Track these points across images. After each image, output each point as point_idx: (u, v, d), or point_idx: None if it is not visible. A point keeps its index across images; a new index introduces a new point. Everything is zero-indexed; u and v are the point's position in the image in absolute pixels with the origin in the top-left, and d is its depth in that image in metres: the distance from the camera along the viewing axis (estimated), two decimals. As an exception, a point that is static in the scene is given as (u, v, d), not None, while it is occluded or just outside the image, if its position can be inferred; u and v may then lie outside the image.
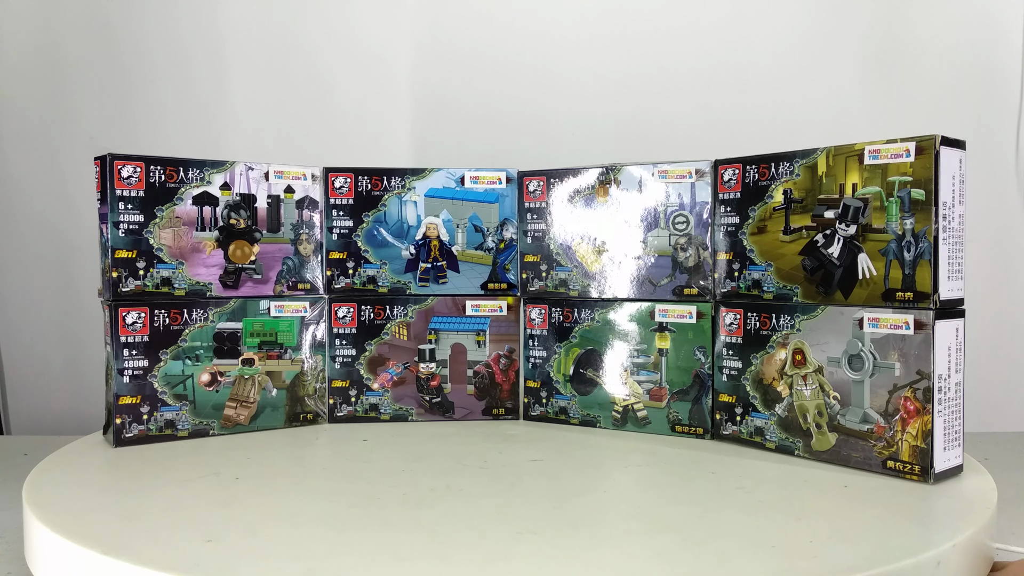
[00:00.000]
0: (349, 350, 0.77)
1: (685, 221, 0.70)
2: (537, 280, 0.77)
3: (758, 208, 0.66)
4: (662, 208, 0.71)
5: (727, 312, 0.68)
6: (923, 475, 0.57)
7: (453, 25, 1.12)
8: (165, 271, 0.71)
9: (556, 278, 0.76)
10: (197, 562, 0.44)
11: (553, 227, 0.76)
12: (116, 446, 0.69)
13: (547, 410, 0.77)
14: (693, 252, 0.70)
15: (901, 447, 0.58)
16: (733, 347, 0.68)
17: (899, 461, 0.58)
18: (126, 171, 0.69)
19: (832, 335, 0.61)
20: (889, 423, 0.58)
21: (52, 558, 0.50)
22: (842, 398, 0.61)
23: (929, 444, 0.57)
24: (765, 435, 0.66)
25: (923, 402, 0.57)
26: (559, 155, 1.13)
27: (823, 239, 0.62)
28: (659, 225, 0.71)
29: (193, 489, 0.57)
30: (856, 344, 0.60)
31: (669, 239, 0.71)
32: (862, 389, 0.60)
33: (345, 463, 0.64)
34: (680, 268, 0.71)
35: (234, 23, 1.09)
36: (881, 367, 0.59)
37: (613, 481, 0.59)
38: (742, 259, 0.67)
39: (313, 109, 1.11)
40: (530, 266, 0.77)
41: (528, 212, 0.77)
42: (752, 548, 0.46)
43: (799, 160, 0.64)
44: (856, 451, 0.60)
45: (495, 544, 0.46)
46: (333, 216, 0.76)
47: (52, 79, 1.07)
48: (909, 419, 0.58)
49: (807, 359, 0.63)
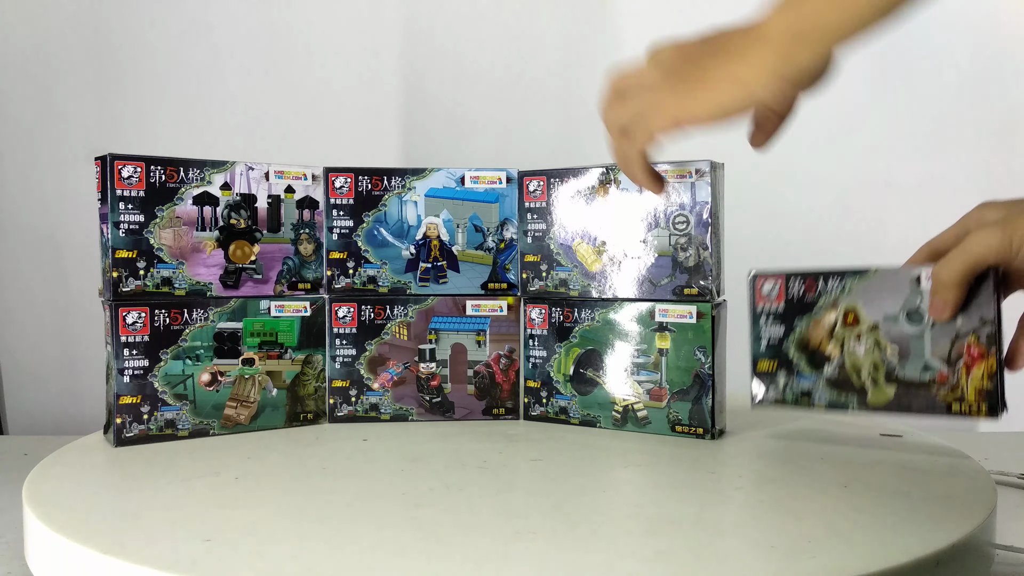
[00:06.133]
0: (349, 350, 0.77)
1: (685, 221, 0.70)
2: (537, 280, 0.77)
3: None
4: (662, 208, 0.71)
5: (764, 280, 0.67)
6: (991, 412, 0.58)
7: (448, 22, 1.12)
8: (165, 271, 0.71)
9: (556, 278, 0.76)
10: (197, 562, 0.44)
11: (553, 227, 0.76)
12: (116, 446, 0.69)
13: (547, 410, 0.77)
14: (693, 252, 0.70)
15: (966, 390, 0.59)
16: (773, 315, 0.67)
17: (965, 402, 0.59)
18: (126, 171, 0.69)
19: (887, 293, 0.62)
20: (952, 370, 0.60)
21: (52, 558, 0.50)
22: (901, 351, 0.62)
23: (995, 384, 0.58)
24: (813, 397, 0.65)
25: (987, 346, 0.58)
26: (559, 155, 1.13)
27: None
28: (659, 225, 0.71)
29: (193, 489, 0.57)
30: (915, 300, 0.61)
31: (669, 239, 0.71)
32: (922, 341, 0.61)
33: (345, 463, 0.64)
34: (680, 268, 0.71)
35: (228, 23, 1.09)
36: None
37: (613, 481, 0.59)
38: None
39: (309, 108, 1.11)
40: (530, 266, 0.77)
41: (528, 212, 0.77)
42: (751, 548, 0.46)
43: None
44: (918, 399, 0.61)
45: (495, 544, 0.46)
46: (333, 216, 0.76)
47: (48, 79, 1.07)
48: (973, 363, 0.59)
49: (860, 318, 0.64)
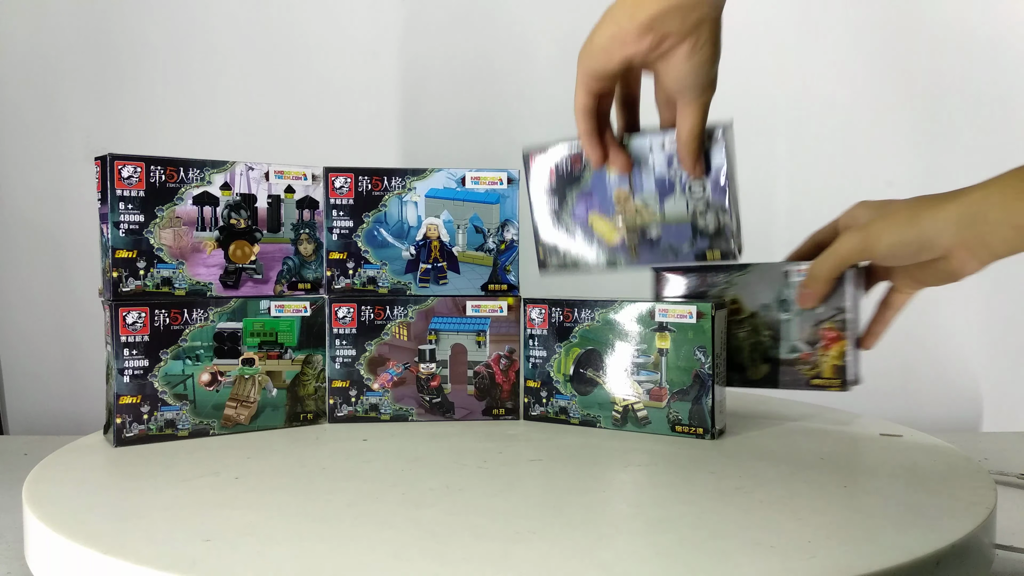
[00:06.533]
0: (349, 350, 0.77)
1: (702, 186, 0.70)
2: (555, 260, 0.76)
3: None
4: (676, 175, 0.70)
5: (669, 275, 0.76)
6: (843, 386, 0.71)
7: (447, 22, 1.12)
8: (165, 271, 0.71)
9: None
10: (196, 562, 0.44)
11: (567, 204, 0.75)
12: (116, 446, 0.69)
13: (547, 410, 0.77)
14: (712, 217, 0.70)
15: (824, 367, 0.71)
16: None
17: (822, 378, 0.72)
18: (126, 171, 0.69)
19: (764, 286, 0.73)
20: (813, 350, 0.72)
21: (52, 558, 0.50)
22: (773, 335, 0.73)
23: (844, 361, 0.71)
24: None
25: (840, 330, 0.71)
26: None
27: None
28: (674, 192, 0.71)
29: (193, 489, 0.57)
30: (784, 291, 0.73)
31: (687, 205, 0.70)
32: (791, 326, 0.73)
33: (345, 463, 0.64)
34: (701, 233, 0.70)
35: (228, 23, 1.09)
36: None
37: (613, 481, 0.59)
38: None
39: (309, 108, 1.11)
40: (550, 249, 0.76)
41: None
42: (751, 548, 0.46)
43: None
44: (786, 375, 0.73)
45: (495, 544, 0.46)
46: (333, 216, 0.76)
47: (48, 79, 1.07)
48: (830, 345, 0.71)
49: (743, 307, 0.74)
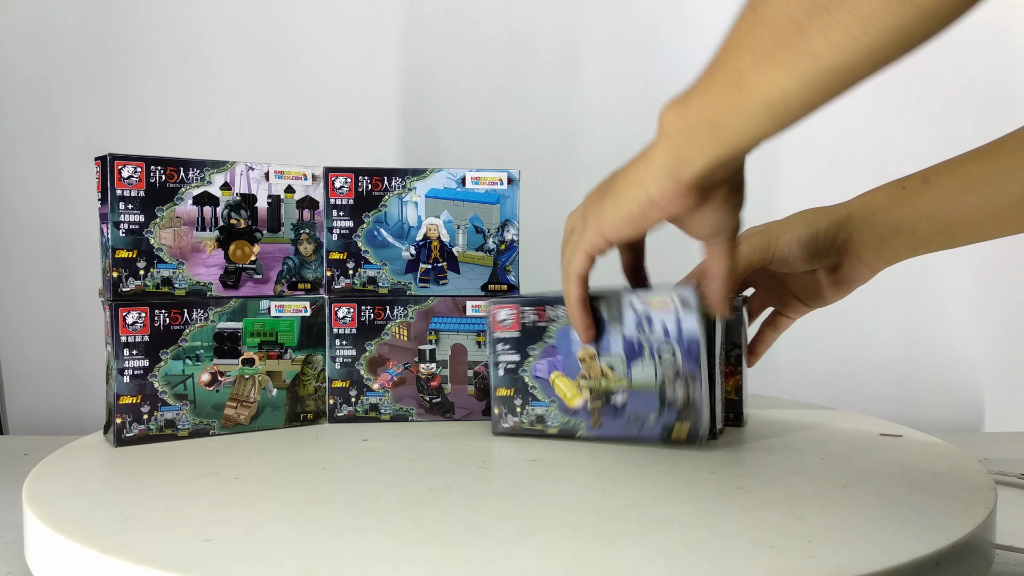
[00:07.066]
0: (349, 350, 0.77)
1: (671, 351, 0.64)
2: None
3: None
4: (646, 338, 0.65)
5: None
6: (737, 421, 0.73)
7: (447, 22, 1.12)
8: (165, 271, 0.71)
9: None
10: (197, 562, 0.44)
11: (527, 359, 0.70)
12: (116, 446, 0.69)
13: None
14: (682, 387, 0.64)
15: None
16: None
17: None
18: (127, 171, 0.69)
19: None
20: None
21: (52, 558, 0.50)
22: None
23: (740, 396, 0.73)
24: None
25: (735, 365, 0.73)
26: (559, 155, 1.13)
27: None
28: (643, 357, 0.65)
29: (193, 489, 0.57)
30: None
31: (656, 372, 0.65)
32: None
33: (345, 463, 0.64)
34: (669, 405, 0.65)
35: (228, 23, 1.09)
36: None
37: (613, 481, 0.59)
38: None
39: (309, 108, 1.11)
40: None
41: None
42: (751, 548, 0.46)
43: None
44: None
45: (495, 544, 0.46)
46: (333, 216, 0.76)
47: (48, 79, 1.07)
48: (727, 379, 0.73)
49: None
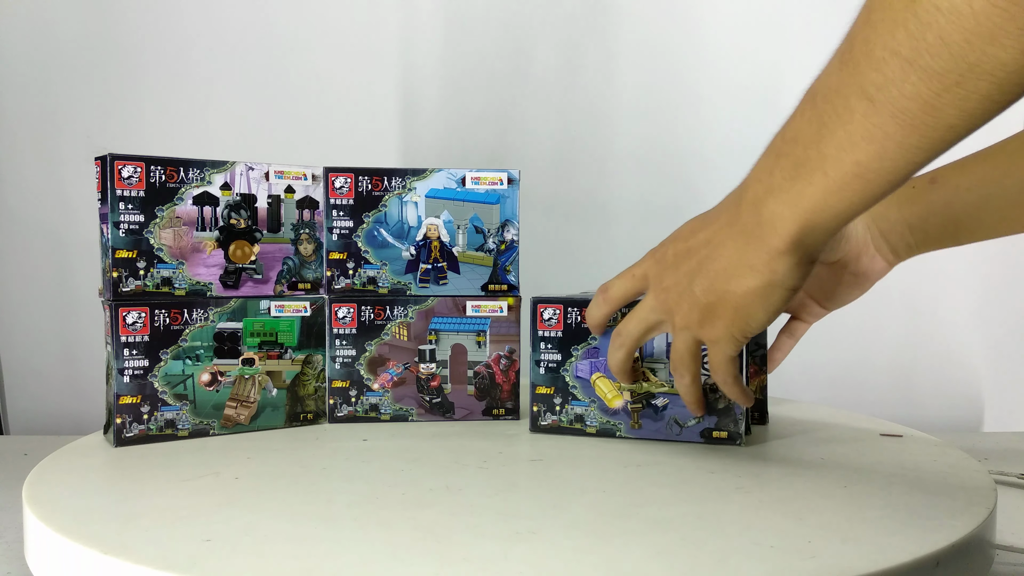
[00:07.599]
0: (349, 350, 0.77)
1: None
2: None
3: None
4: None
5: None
6: (762, 419, 0.76)
7: (447, 22, 1.12)
8: (165, 271, 0.71)
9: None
10: (197, 562, 0.44)
11: (570, 359, 0.72)
12: (116, 446, 0.69)
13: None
14: (722, 395, 0.67)
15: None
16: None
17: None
18: (127, 171, 0.69)
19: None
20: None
21: (52, 558, 0.50)
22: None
23: (764, 395, 0.76)
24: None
25: (760, 365, 0.75)
26: (559, 155, 1.13)
27: None
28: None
29: (193, 489, 0.57)
30: None
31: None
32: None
33: (345, 463, 0.64)
34: (708, 410, 0.68)
35: (228, 23, 1.09)
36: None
37: (613, 481, 0.59)
38: None
39: (309, 108, 1.11)
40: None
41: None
42: (751, 548, 0.46)
43: None
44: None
45: (495, 544, 0.46)
46: (333, 216, 0.76)
47: (48, 78, 1.07)
48: (751, 379, 0.74)
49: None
